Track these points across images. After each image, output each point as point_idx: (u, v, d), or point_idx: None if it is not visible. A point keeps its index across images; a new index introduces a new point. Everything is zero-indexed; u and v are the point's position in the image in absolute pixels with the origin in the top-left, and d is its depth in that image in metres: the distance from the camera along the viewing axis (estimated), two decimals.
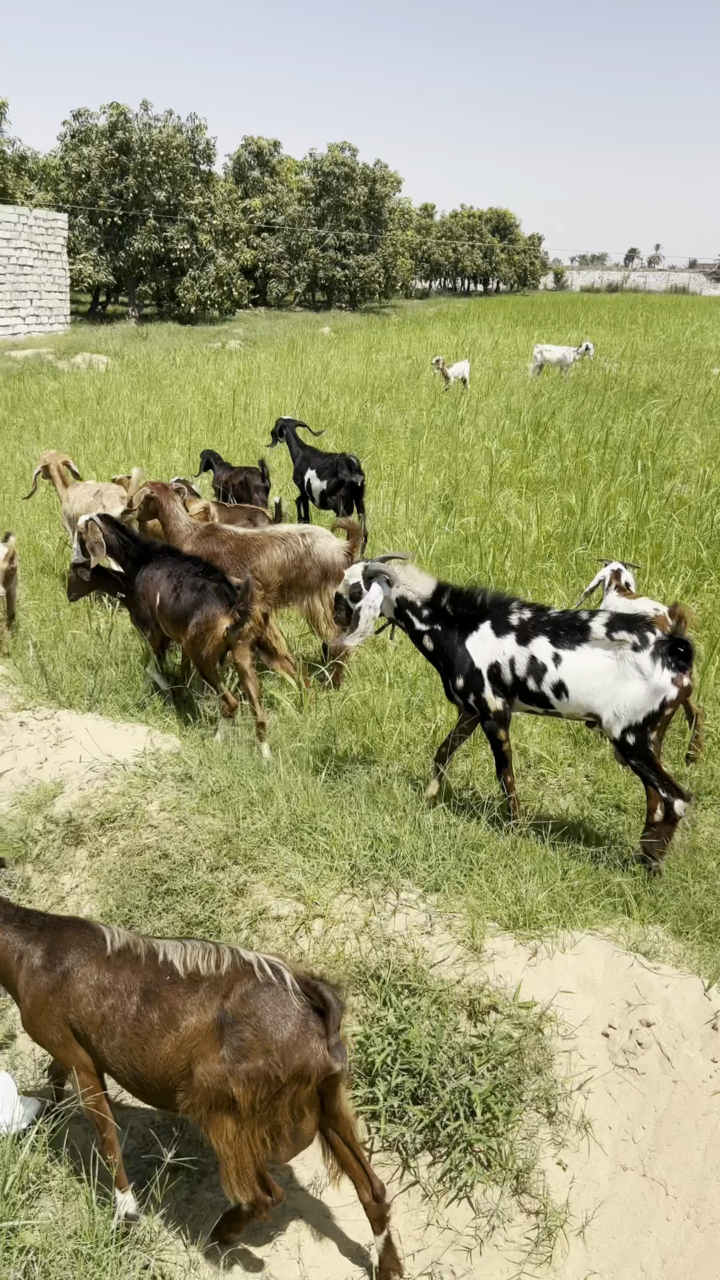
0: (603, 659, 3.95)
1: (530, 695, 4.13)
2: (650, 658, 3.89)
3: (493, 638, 4.15)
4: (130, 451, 11.49)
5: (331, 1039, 2.49)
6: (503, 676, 4.14)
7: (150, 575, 5.34)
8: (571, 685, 4.01)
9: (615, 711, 3.96)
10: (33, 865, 4.02)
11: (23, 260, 27.38)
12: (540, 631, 4.07)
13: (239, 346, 26.46)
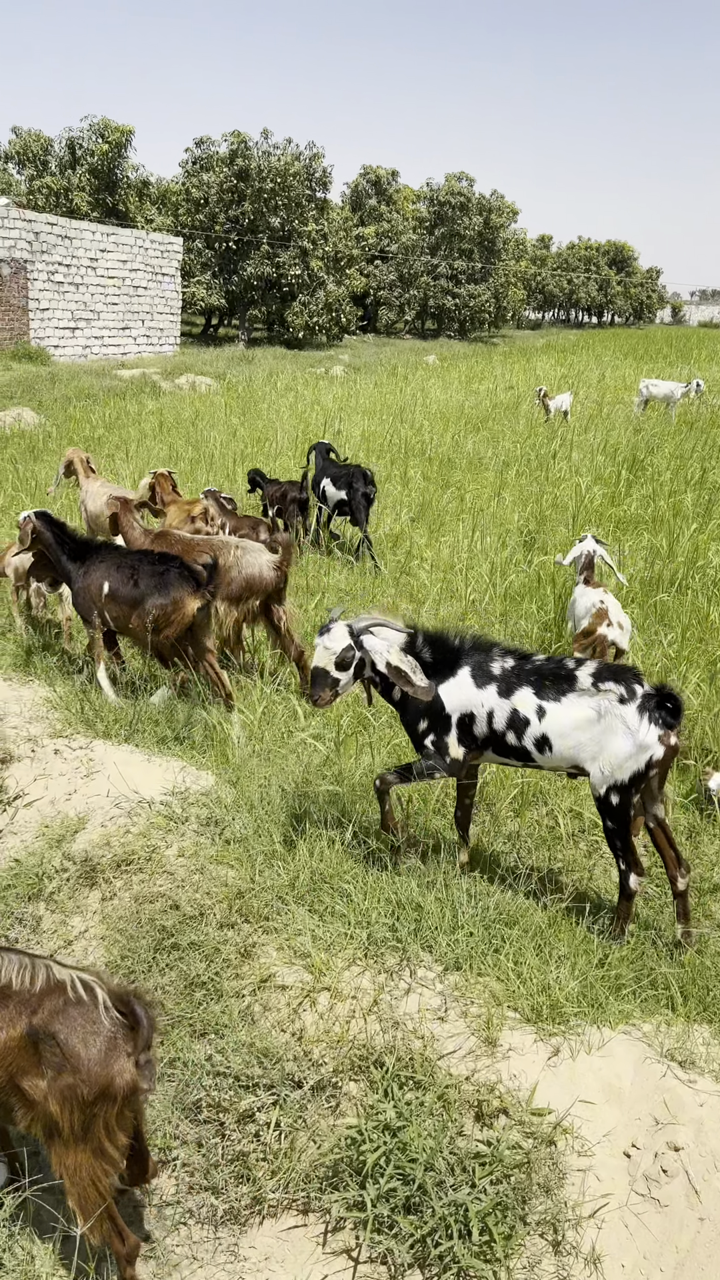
0: (587, 711, 3.62)
1: (508, 749, 3.79)
2: (636, 712, 3.55)
3: (471, 686, 3.79)
4: (215, 474, 11.49)
5: (141, 1057, 2.47)
6: (476, 728, 3.80)
7: (94, 569, 5.54)
8: (555, 739, 3.67)
9: (601, 768, 3.62)
10: (45, 904, 3.87)
11: (137, 282, 28.07)
12: (524, 682, 3.73)
13: (342, 372, 26.57)
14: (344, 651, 3.76)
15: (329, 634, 3.81)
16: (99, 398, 18.24)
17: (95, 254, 26.23)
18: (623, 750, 3.54)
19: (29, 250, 23.74)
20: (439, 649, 3.87)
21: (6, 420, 15.51)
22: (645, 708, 3.54)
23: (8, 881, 3.97)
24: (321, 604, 7.12)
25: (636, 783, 3.58)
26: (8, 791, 4.56)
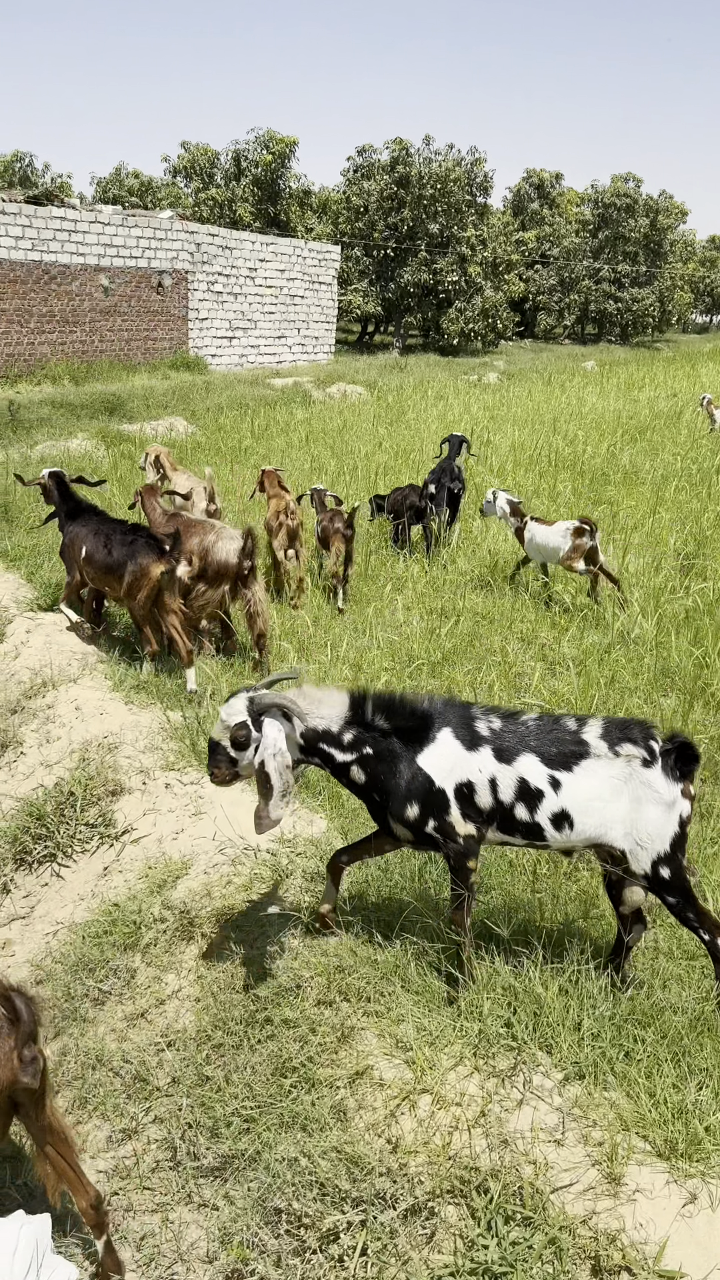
0: (608, 780, 3.15)
1: (516, 825, 3.22)
2: (663, 774, 3.13)
3: (461, 750, 3.20)
4: (358, 486, 11.27)
5: (24, 1051, 2.41)
6: (478, 799, 3.20)
7: (77, 531, 6.31)
8: (578, 815, 3.16)
9: (639, 840, 3.15)
10: (141, 955, 3.66)
11: (294, 291, 28.33)
12: (525, 746, 3.20)
13: (496, 379, 26.05)
14: (237, 729, 3.11)
15: (228, 704, 3.18)
16: (250, 407, 18.39)
17: (254, 263, 26.61)
18: (657, 818, 3.14)
19: (190, 261, 24.27)
20: (399, 714, 3.24)
21: (159, 429, 15.79)
22: (668, 765, 3.14)
23: (105, 927, 3.79)
24: (454, 630, 6.75)
25: (679, 846, 3.16)
26: (116, 826, 4.40)
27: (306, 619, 6.88)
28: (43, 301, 20.73)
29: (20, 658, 6.10)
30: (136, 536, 5.97)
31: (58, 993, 3.66)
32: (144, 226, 22.84)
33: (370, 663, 6.15)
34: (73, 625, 6.57)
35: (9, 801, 4.70)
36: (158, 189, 40.63)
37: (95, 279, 21.81)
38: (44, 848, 4.35)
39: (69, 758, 4.96)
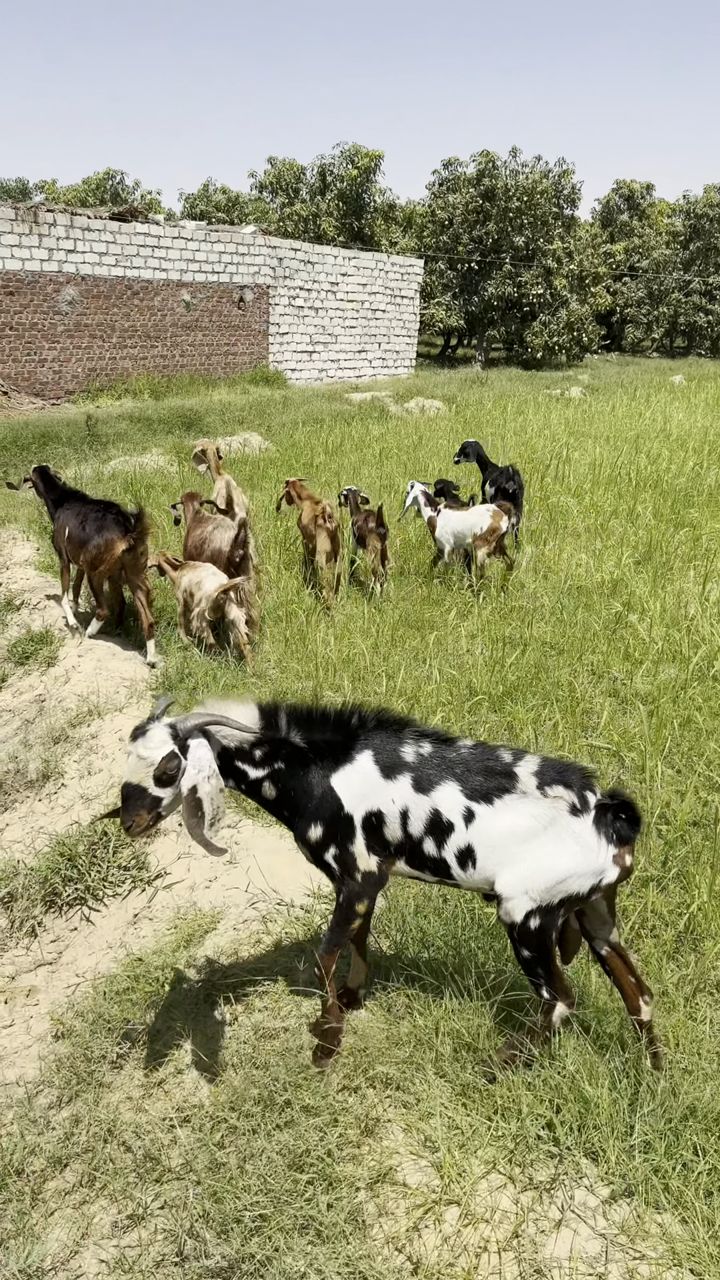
0: (527, 819, 2.82)
1: (424, 860, 2.94)
2: (593, 826, 2.79)
3: (377, 777, 2.92)
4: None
5: None
6: (387, 831, 2.93)
7: (64, 515, 6.75)
8: (483, 852, 2.85)
9: (526, 888, 2.79)
10: (163, 1018, 3.44)
11: (376, 305, 28.22)
12: (448, 774, 2.91)
13: (579, 394, 25.51)
14: (165, 761, 2.79)
15: (144, 738, 2.83)
16: (326, 422, 18.26)
17: (336, 278, 26.58)
18: (562, 869, 2.78)
19: (272, 276, 24.33)
20: (321, 728, 2.99)
21: (234, 444, 15.75)
22: (602, 821, 2.79)
23: (129, 983, 3.58)
24: (521, 661, 6.42)
25: (568, 906, 2.83)
26: (150, 870, 4.20)
27: (364, 647, 6.62)
28: (125, 316, 20.97)
29: (70, 683, 5.98)
30: (106, 513, 6.46)
31: (76, 1051, 3.46)
32: (227, 242, 22.98)
33: (427, 696, 5.86)
34: (73, 626, 6.88)
35: (43, 838, 4.54)
36: (244, 204, 41.08)
37: (177, 294, 21.99)
38: (74, 890, 4.18)
39: (108, 792, 4.79)
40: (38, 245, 18.85)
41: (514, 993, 3.16)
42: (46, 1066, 3.51)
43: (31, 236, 18.70)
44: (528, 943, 2.84)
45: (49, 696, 5.94)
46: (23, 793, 5.14)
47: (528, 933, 2.83)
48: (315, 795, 2.97)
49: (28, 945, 4.15)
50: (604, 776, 5.09)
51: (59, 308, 19.51)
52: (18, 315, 18.78)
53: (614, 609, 7.43)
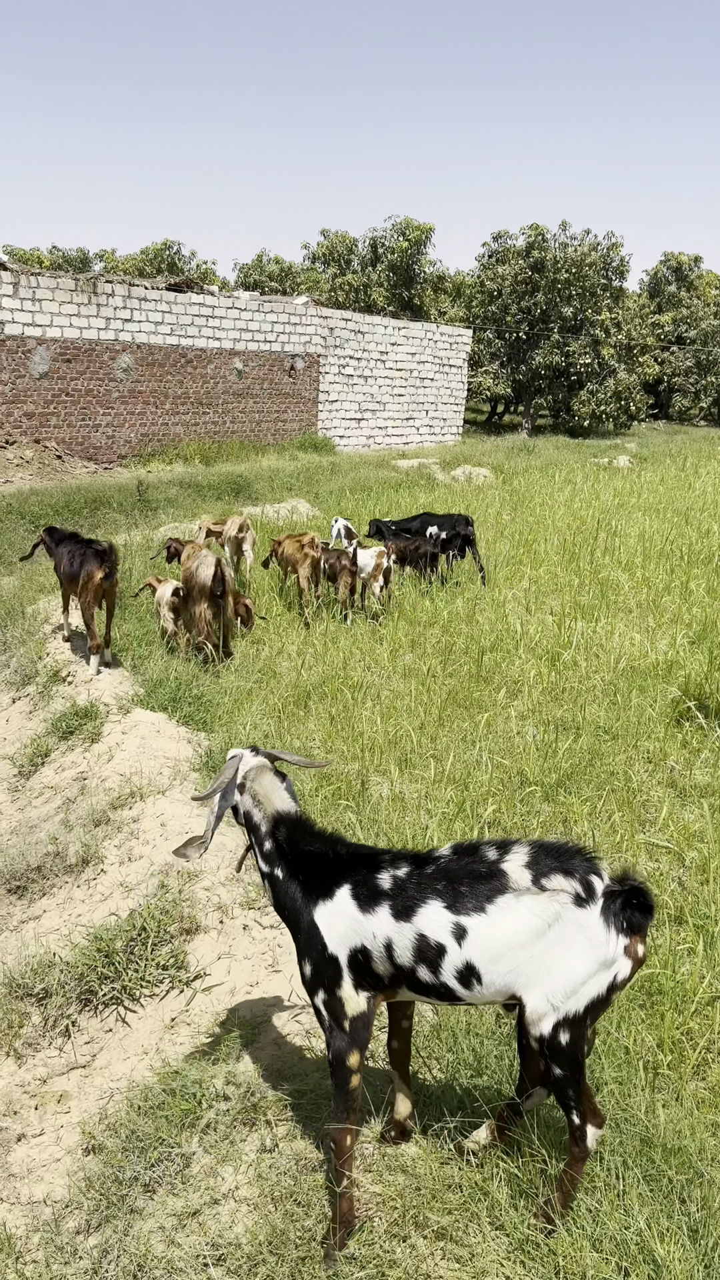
0: (529, 919, 2.57)
1: (424, 987, 2.71)
2: (600, 917, 2.54)
3: (355, 912, 2.72)
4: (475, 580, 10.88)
5: None
6: (375, 967, 2.72)
7: (60, 552, 7.85)
8: (486, 967, 2.60)
9: (548, 994, 2.55)
10: (199, 1138, 3.24)
11: (424, 374, 28.53)
12: (429, 893, 2.67)
13: (627, 463, 25.45)
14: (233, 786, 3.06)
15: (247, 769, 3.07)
16: (374, 489, 18.33)
17: (385, 347, 26.93)
18: (580, 971, 2.54)
19: (323, 345, 24.71)
20: (306, 842, 2.88)
21: (282, 511, 15.82)
22: (610, 910, 2.54)
23: (163, 1098, 3.40)
24: (574, 747, 6.21)
25: (594, 1013, 2.58)
26: (188, 970, 4.03)
27: (410, 727, 6.46)
28: (179, 384, 21.35)
29: (113, 760, 5.88)
30: (87, 549, 7.53)
31: (107, 1171, 3.27)
32: (279, 312, 23.41)
33: (478, 784, 5.68)
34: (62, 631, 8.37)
35: (80, 930, 4.40)
36: (297, 274, 42.01)
37: (230, 362, 22.38)
38: (111, 989, 4.01)
39: (148, 881, 4.65)
40: (96, 314, 19.31)
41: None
42: (75, 1185, 3.32)
43: (90, 306, 19.17)
44: (558, 1059, 2.60)
45: (91, 775, 5.85)
46: (61, 878, 5.01)
47: (557, 1047, 2.59)
48: (304, 927, 2.83)
49: (60, 1046, 3.98)
50: (663, 876, 4.86)
51: (114, 375, 19.91)
52: (74, 382, 19.19)
53: (670, 693, 7.22)
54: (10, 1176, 3.50)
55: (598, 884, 2.59)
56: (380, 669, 7.99)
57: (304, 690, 7.32)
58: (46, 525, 8.37)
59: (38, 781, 6.21)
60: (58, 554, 7.97)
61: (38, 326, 18.40)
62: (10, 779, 6.44)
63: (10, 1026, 4.07)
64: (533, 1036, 2.62)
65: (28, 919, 4.84)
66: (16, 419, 18.33)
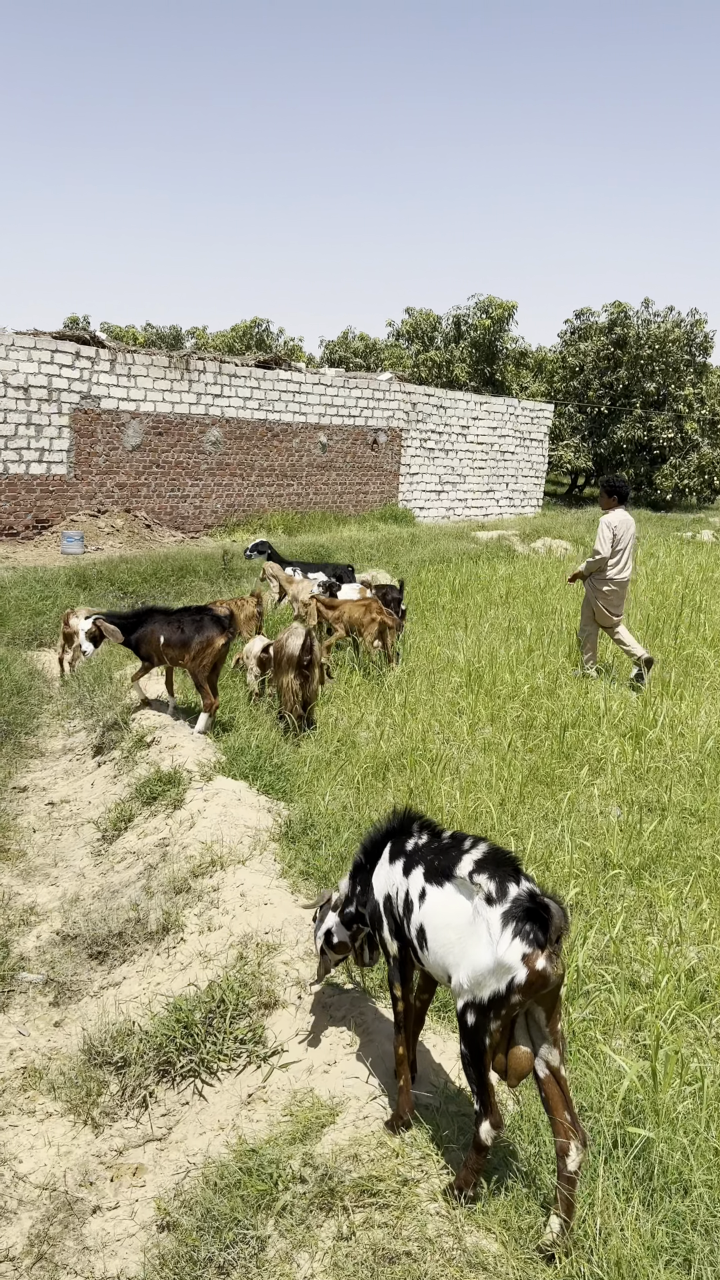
0: (464, 905, 3.00)
1: (406, 941, 3.30)
2: (501, 919, 2.84)
3: (386, 863, 3.44)
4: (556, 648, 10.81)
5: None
6: (394, 913, 3.35)
7: (148, 628, 8.03)
8: (430, 933, 3.11)
9: (460, 980, 2.94)
10: (275, 1222, 3.19)
11: (504, 447, 28.78)
12: (420, 859, 3.26)
13: (711, 538, 25.16)
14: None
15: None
16: (453, 561, 18.43)
17: (467, 421, 27.30)
18: (482, 963, 2.86)
19: (405, 419, 25.16)
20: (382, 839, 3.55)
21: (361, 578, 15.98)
22: (513, 915, 2.82)
23: (239, 1177, 3.36)
24: (660, 829, 6.07)
25: (495, 1008, 2.84)
26: (265, 1045, 4.01)
27: (490, 803, 6.40)
28: (264, 456, 21.91)
29: (195, 828, 5.94)
30: (203, 616, 7.89)
31: (182, 1250, 3.24)
32: (363, 388, 23.95)
33: (559, 864, 5.59)
34: (143, 702, 8.49)
35: (160, 1000, 4.42)
36: (380, 350, 43.01)
37: (314, 436, 22.91)
38: (188, 1061, 4.01)
39: (227, 952, 4.66)
40: (188, 390, 20.02)
41: None
42: (150, 1262, 3.29)
43: (183, 382, 19.89)
44: (464, 1037, 2.94)
45: (173, 841, 5.91)
46: (141, 944, 5.05)
47: (465, 1025, 2.93)
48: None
49: (137, 1117, 3.98)
50: None
51: (203, 447, 20.54)
52: (165, 454, 19.84)
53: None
54: (85, 1250, 3.49)
55: (512, 890, 2.88)
56: (459, 742, 7.95)
57: (382, 761, 7.33)
58: (103, 614, 8.52)
59: (121, 846, 6.30)
60: (146, 630, 8.12)
61: (132, 401, 19.13)
62: (94, 843, 6.55)
63: (89, 1095, 4.09)
64: (456, 1011, 3.03)
65: (108, 985, 4.88)
66: (109, 489, 18.98)
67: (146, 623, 8.11)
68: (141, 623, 8.16)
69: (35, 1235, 3.51)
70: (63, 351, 17.98)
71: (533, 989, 2.80)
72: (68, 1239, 3.52)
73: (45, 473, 17.94)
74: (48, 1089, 4.23)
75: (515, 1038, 3.00)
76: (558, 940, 2.81)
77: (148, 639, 8.05)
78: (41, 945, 5.38)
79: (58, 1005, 4.87)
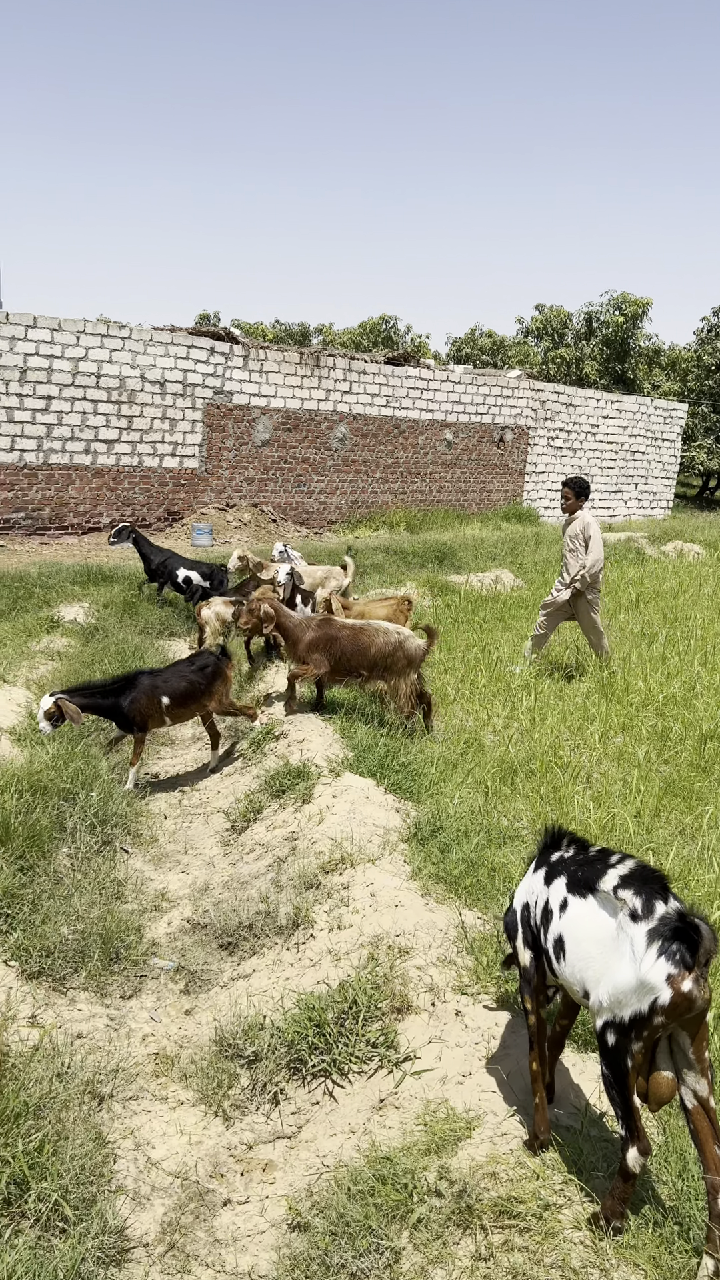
0: (607, 920, 2.91)
1: (541, 951, 3.25)
2: (646, 936, 2.72)
3: (531, 872, 3.41)
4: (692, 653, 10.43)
5: None
6: (531, 922, 3.30)
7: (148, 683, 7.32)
8: (570, 945, 3.03)
9: (600, 997, 2.84)
10: (410, 1234, 3.13)
11: (635, 447, 28.07)
12: (564, 870, 3.18)
13: None
14: None
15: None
16: None
17: (597, 420, 26.73)
18: (624, 981, 2.75)
19: (533, 418, 24.79)
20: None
21: (486, 581, 15.81)
22: (659, 933, 2.70)
23: (373, 1184, 3.31)
24: None
25: (637, 1029, 2.73)
26: (397, 1050, 3.95)
27: (625, 815, 6.19)
28: (390, 453, 21.91)
29: (323, 823, 5.93)
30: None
31: (314, 1253, 3.21)
32: (492, 385, 23.70)
33: (700, 882, 5.36)
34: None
35: (291, 997, 4.41)
36: (508, 348, 42.53)
37: (440, 434, 22.79)
38: (320, 1061, 3.99)
39: (357, 952, 4.62)
40: (317, 386, 20.17)
41: None
42: (281, 1262, 3.28)
43: (313, 379, 20.05)
44: (605, 1057, 2.85)
45: (301, 836, 5.92)
46: (271, 938, 5.06)
47: (605, 1045, 2.84)
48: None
49: (267, 1113, 3.98)
50: None
51: (330, 444, 20.67)
52: (292, 450, 20.04)
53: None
54: (216, 1242, 3.50)
55: (659, 908, 2.76)
56: (589, 750, 7.74)
57: (510, 766, 7.19)
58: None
59: (249, 837, 6.34)
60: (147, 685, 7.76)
61: (263, 397, 19.39)
62: (223, 832, 6.62)
63: (220, 1086, 4.11)
64: (595, 1030, 2.92)
65: (238, 976, 4.90)
66: (238, 484, 19.29)
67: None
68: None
69: (168, 1224, 3.54)
70: (198, 347, 18.34)
71: (677, 1011, 2.69)
72: (199, 1230, 3.54)
73: (178, 466, 18.34)
74: (179, 1077, 4.27)
75: (657, 1063, 2.88)
76: (706, 963, 2.69)
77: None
78: (172, 932, 5.46)
79: (188, 993, 4.92)
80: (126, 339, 17.43)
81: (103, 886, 5.51)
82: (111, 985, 4.83)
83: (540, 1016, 3.31)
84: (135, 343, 17.53)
